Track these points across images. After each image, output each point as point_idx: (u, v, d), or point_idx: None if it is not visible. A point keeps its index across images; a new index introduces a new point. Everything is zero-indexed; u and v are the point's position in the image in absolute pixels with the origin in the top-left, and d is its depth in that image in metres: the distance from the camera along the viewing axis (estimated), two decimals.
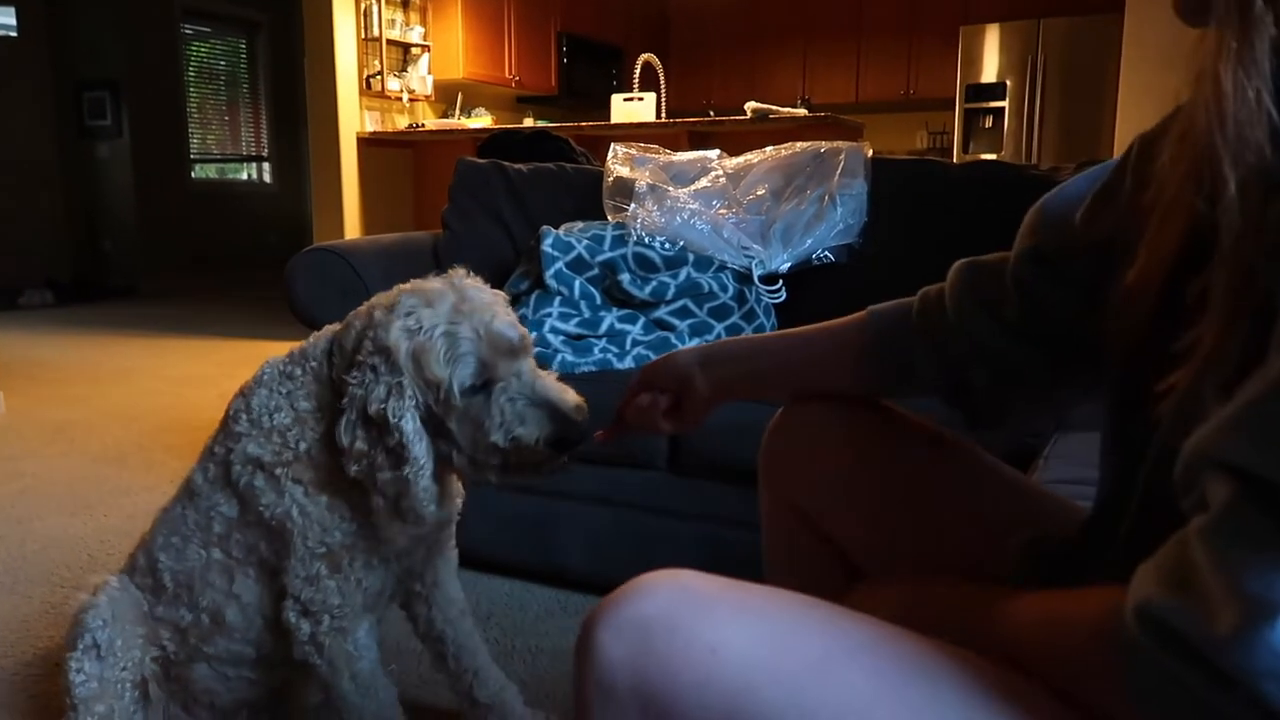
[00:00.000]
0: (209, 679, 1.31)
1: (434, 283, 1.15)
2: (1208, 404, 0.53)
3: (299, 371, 1.20)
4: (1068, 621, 0.61)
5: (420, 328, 1.09)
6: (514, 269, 2.21)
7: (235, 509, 1.21)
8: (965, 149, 6.43)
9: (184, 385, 4.17)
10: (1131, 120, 4.82)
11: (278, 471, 1.17)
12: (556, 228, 2.13)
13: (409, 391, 1.09)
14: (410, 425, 1.09)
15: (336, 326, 1.20)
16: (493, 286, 2.23)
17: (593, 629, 0.64)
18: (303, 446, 1.17)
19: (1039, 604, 0.64)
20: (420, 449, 1.10)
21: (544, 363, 1.92)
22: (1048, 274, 0.80)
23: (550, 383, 1.14)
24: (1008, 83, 6.17)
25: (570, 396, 1.14)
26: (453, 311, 1.11)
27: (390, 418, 1.08)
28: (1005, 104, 6.19)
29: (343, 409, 1.11)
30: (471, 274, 1.19)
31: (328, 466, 1.16)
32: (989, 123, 6.29)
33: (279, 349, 1.25)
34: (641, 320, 2.04)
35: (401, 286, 1.15)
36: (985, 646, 0.65)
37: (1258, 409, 0.48)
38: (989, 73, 6.25)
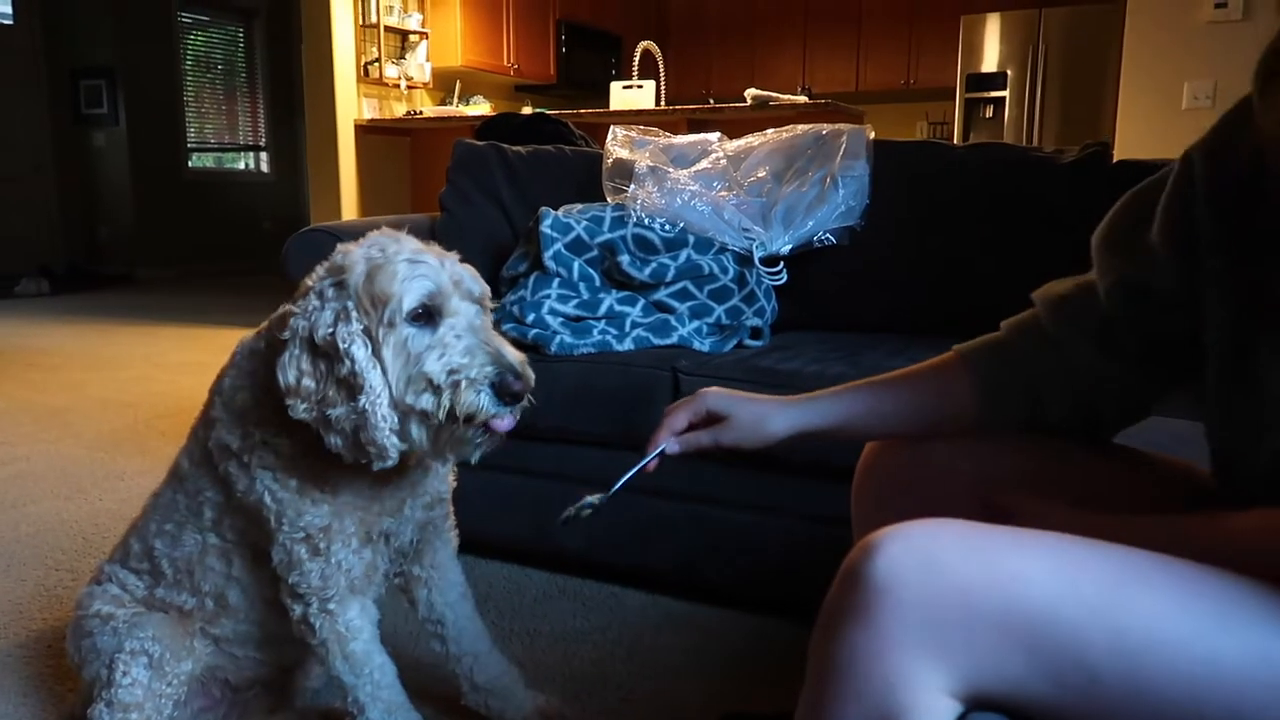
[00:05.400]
0: (217, 658, 1.30)
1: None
2: None
3: (262, 345, 1.15)
4: None
5: (383, 254, 1.05)
6: (512, 251, 2.19)
7: (221, 494, 1.19)
8: (965, 139, 6.40)
9: (178, 372, 4.15)
10: (1133, 110, 4.79)
11: (245, 458, 1.14)
12: (555, 209, 2.11)
13: (355, 315, 1.03)
14: (362, 351, 1.02)
15: None
16: (491, 268, 2.24)
17: (876, 541, 0.65)
18: (260, 433, 1.13)
19: (1259, 517, 0.68)
20: (375, 376, 1.03)
21: (542, 344, 1.90)
22: (1149, 304, 0.84)
23: (501, 338, 1.08)
24: (1008, 72, 6.14)
25: (518, 353, 1.07)
26: (421, 248, 1.08)
27: (340, 343, 1.02)
28: (1006, 94, 6.16)
29: (284, 343, 1.05)
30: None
31: (290, 450, 1.12)
32: (989, 113, 6.26)
33: None
34: (641, 302, 2.02)
35: (376, 231, 1.11)
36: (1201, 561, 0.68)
37: None
38: (989, 62, 6.21)
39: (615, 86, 5.34)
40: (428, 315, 1.04)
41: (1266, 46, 0.72)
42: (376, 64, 5.76)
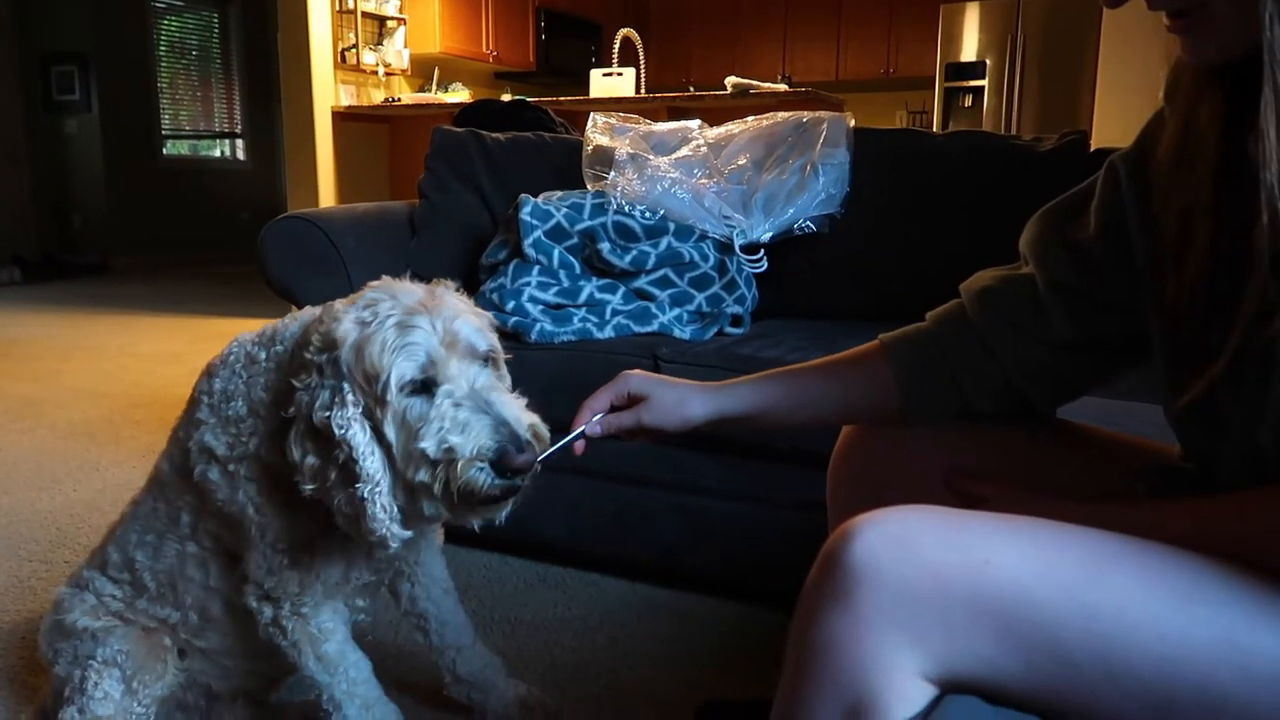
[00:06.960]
0: (205, 666, 1.28)
1: (410, 283, 1.05)
2: None
3: (263, 356, 1.10)
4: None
5: (374, 319, 0.98)
6: (492, 238, 2.18)
7: (196, 498, 1.16)
8: (944, 128, 6.42)
9: (153, 362, 4.10)
10: (1111, 99, 4.82)
11: (231, 467, 1.10)
12: (535, 196, 2.09)
13: (351, 397, 0.97)
14: (360, 437, 0.96)
15: (317, 310, 1.08)
16: (470, 256, 2.23)
17: (853, 527, 0.66)
18: (254, 443, 1.08)
19: (1231, 502, 0.69)
20: (373, 463, 0.97)
21: (522, 331, 1.89)
22: (1090, 306, 0.87)
23: (508, 398, 1.02)
24: (987, 61, 6.16)
25: (527, 417, 1.00)
26: (416, 304, 0.99)
27: (335, 429, 0.96)
28: (985, 83, 6.18)
29: (291, 418, 1.00)
30: (460, 289, 1.08)
31: (278, 466, 1.06)
32: (968, 101, 6.28)
33: (250, 326, 1.17)
34: (621, 290, 2.01)
35: (374, 283, 1.05)
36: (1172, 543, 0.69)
37: None
38: (969, 51, 6.23)
39: (595, 74, 5.31)
40: (424, 385, 0.98)
41: (1175, 60, 0.74)
42: (354, 50, 5.70)
